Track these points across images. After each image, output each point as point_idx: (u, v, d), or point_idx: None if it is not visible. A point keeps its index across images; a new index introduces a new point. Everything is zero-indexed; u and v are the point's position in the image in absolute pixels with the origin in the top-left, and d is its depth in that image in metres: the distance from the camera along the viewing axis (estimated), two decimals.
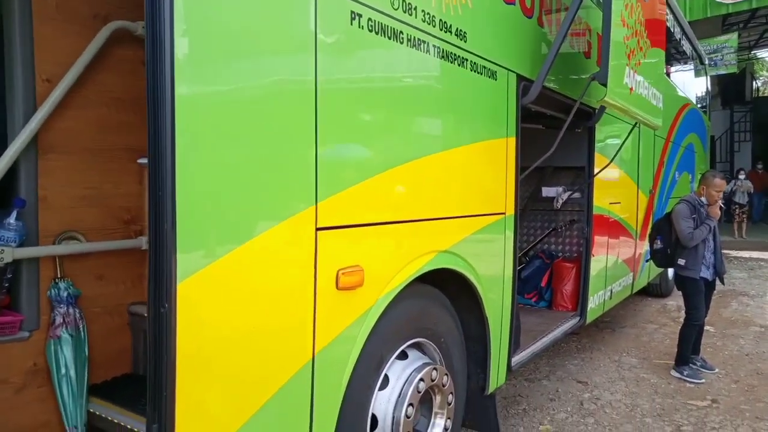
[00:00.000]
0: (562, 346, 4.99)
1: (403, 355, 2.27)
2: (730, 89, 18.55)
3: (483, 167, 2.61)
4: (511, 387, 4.03)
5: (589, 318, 4.23)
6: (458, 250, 2.41)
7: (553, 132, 3.23)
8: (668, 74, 9.33)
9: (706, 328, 5.14)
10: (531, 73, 2.88)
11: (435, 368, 2.29)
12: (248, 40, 1.46)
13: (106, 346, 2.36)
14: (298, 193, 1.60)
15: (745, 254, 10.35)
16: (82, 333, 2.18)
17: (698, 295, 4.16)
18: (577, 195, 4.43)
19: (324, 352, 1.72)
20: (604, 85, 2.69)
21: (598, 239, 4.30)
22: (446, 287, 2.51)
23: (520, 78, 2.80)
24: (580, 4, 2.82)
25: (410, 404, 2.13)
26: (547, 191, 4.55)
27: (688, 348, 4.22)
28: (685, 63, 16.05)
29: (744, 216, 12.31)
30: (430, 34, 2.12)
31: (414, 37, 2.04)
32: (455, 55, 2.29)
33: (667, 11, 6.17)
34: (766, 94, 24.98)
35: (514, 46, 2.77)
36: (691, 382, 4.09)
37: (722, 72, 12.63)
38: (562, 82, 3.23)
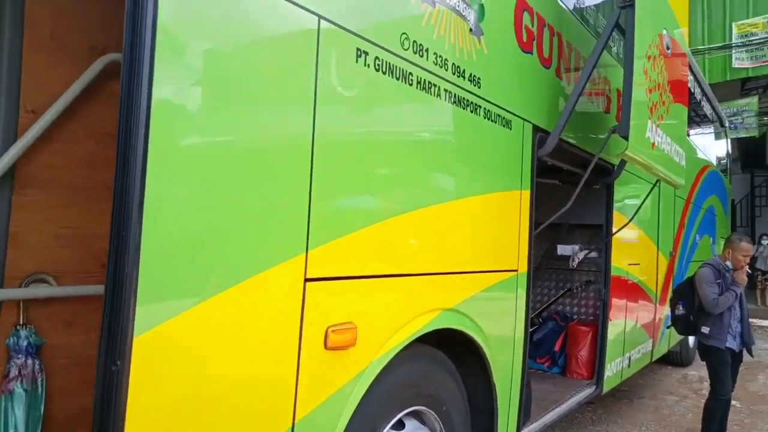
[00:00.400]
0: (576, 416, 4.65)
1: (400, 425, 2.05)
2: (750, 153, 18.37)
3: (494, 220, 2.44)
4: None
5: (606, 387, 3.94)
6: (465, 309, 2.21)
7: (570, 188, 3.07)
8: (688, 135, 9.26)
9: (733, 403, 4.79)
10: (548, 125, 2.76)
11: None
12: (237, 76, 1.34)
13: (69, 403, 2.13)
14: (286, 240, 1.44)
15: (767, 323, 9.90)
16: (40, 388, 1.97)
17: (724, 367, 3.85)
18: (594, 254, 4.22)
19: (307, 419, 1.52)
20: (626, 137, 2.55)
21: (616, 302, 4.06)
22: (451, 349, 2.30)
23: (536, 129, 2.68)
24: (600, 54, 2.72)
25: None
26: (563, 249, 4.34)
27: (713, 426, 3.87)
28: (705, 125, 16.02)
29: (767, 283, 11.83)
30: (442, 78, 2.01)
31: (424, 80, 1.93)
32: (467, 101, 2.17)
33: (689, 72, 6.14)
34: None
35: (530, 95, 2.66)
36: None
37: (743, 135, 12.49)
38: (580, 136, 3.10)
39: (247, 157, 1.36)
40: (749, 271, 3.98)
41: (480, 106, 2.25)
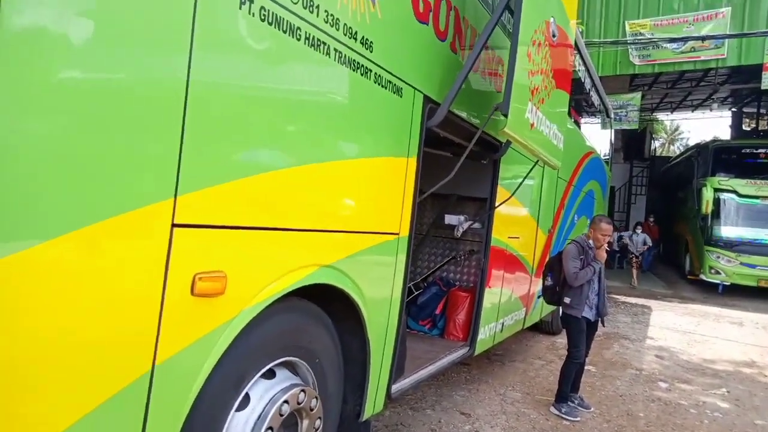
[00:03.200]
0: (452, 376, 4.99)
1: (271, 374, 2.10)
2: (632, 145, 20.14)
3: (379, 184, 2.53)
4: (395, 415, 3.94)
5: (478, 349, 4.25)
6: (344, 267, 2.29)
7: (464, 160, 3.24)
8: (578, 124, 9.94)
9: (588, 367, 5.36)
10: (438, 97, 2.87)
11: (303, 390, 2.13)
12: (108, 12, 1.28)
13: None
14: (152, 184, 1.41)
15: (632, 300, 11.04)
16: None
17: (580, 334, 4.30)
18: (477, 225, 4.49)
19: (169, 363, 1.52)
20: (505, 115, 2.72)
21: (495, 272, 4.37)
22: (329, 305, 2.39)
23: (427, 99, 2.77)
24: (491, 33, 2.85)
25: (269, 428, 1.96)
26: (450, 219, 4.58)
27: (567, 385, 4.34)
28: (595, 116, 17.24)
29: (639, 263, 13.26)
30: (332, 37, 2.02)
31: (314, 37, 1.93)
32: (358, 63, 2.20)
33: (580, 62, 6.57)
34: (661, 154, 27.37)
35: (423, 66, 2.75)
36: (567, 420, 4.19)
37: (625, 127, 13.65)
38: (470, 111, 3.25)
39: (113, 94, 1.31)
40: (608, 249, 4.43)
41: (371, 71, 2.29)
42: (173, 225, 1.46)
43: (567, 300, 4.34)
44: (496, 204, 4.03)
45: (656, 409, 4.66)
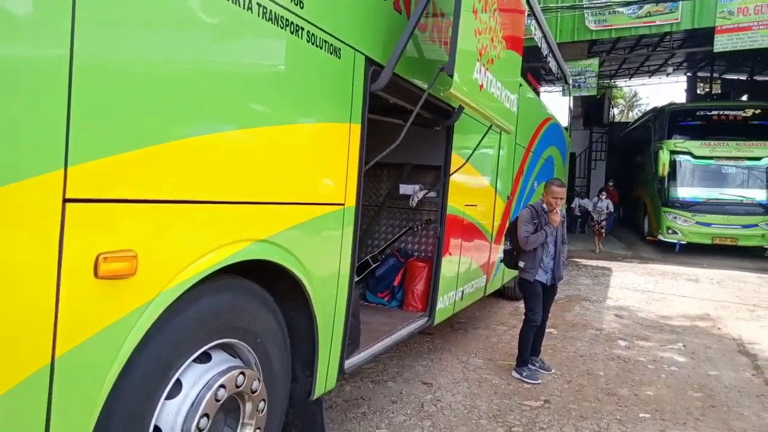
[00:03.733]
0: (414, 347, 4.95)
1: (206, 358, 1.97)
2: (591, 112, 20.36)
3: (319, 152, 2.38)
4: (355, 389, 3.87)
5: (438, 319, 4.20)
6: (282, 241, 2.16)
7: (415, 128, 3.11)
8: (537, 91, 9.90)
9: (550, 330, 5.40)
10: (382, 59, 2.72)
11: (242, 372, 2.01)
12: None
13: None
14: (35, 153, 1.24)
15: (593, 263, 11.26)
16: None
17: (535, 297, 4.29)
18: (432, 194, 4.40)
19: (72, 355, 1.37)
20: (451, 76, 2.59)
21: (452, 240, 4.30)
22: (274, 282, 2.26)
23: (369, 62, 2.62)
24: None
25: (204, 414, 1.83)
26: (404, 189, 4.47)
27: (527, 349, 4.34)
28: (554, 84, 17.29)
29: (601, 230, 13.15)
30: None
31: None
32: (287, 20, 2.03)
33: (537, 27, 6.46)
34: (620, 120, 27.83)
35: (363, 25, 2.59)
36: (528, 383, 4.20)
37: (584, 93, 13.73)
38: (417, 74, 3.10)
39: None
40: (572, 215, 4.40)
41: (302, 29, 2.12)
42: (65, 200, 1.29)
43: (521, 264, 4.32)
44: (451, 172, 3.93)
45: (615, 367, 4.73)
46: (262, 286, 2.20)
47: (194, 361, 1.89)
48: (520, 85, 5.12)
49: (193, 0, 1.65)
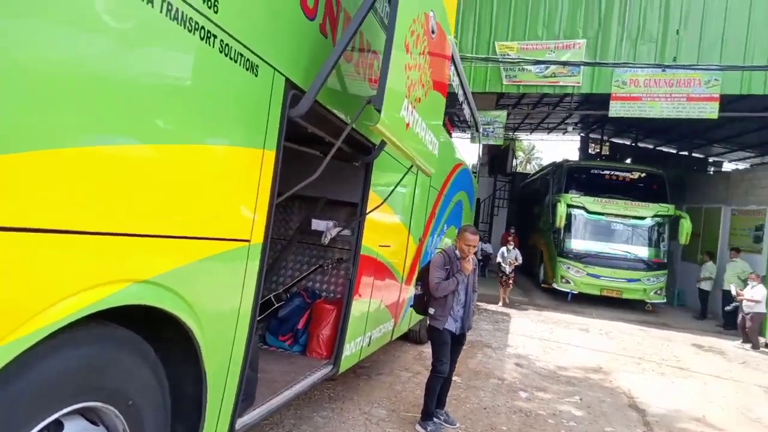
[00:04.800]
0: (314, 394, 4.59)
1: (57, 427, 1.55)
2: (496, 161, 21.34)
3: (224, 179, 2.05)
4: None
5: (343, 367, 3.90)
6: (169, 282, 1.79)
7: (333, 161, 2.86)
8: (450, 135, 10.12)
9: (454, 378, 5.24)
10: (304, 83, 2.47)
11: None
12: None
13: None
14: None
15: (492, 307, 11.48)
16: None
17: (443, 347, 4.12)
18: (346, 232, 4.15)
19: None
20: (379, 110, 2.39)
21: (364, 281, 4.05)
22: (154, 328, 1.87)
23: (289, 84, 2.36)
24: (365, 16, 2.52)
25: None
26: (317, 224, 4.18)
27: (432, 401, 4.14)
28: (465, 131, 17.95)
29: (509, 281, 12.03)
30: None
31: None
32: (198, 24, 1.73)
33: (455, 74, 6.56)
34: (519, 171, 29.53)
35: (286, 44, 2.34)
36: None
37: (492, 142, 14.26)
38: (339, 104, 2.89)
39: None
40: (476, 262, 4.30)
41: (215, 36, 1.83)
42: None
43: (431, 311, 4.15)
44: (367, 210, 3.71)
45: (518, 421, 4.65)
46: (139, 334, 1.81)
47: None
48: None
49: None
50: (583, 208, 13.55)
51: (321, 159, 3.64)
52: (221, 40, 1.86)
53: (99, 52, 1.41)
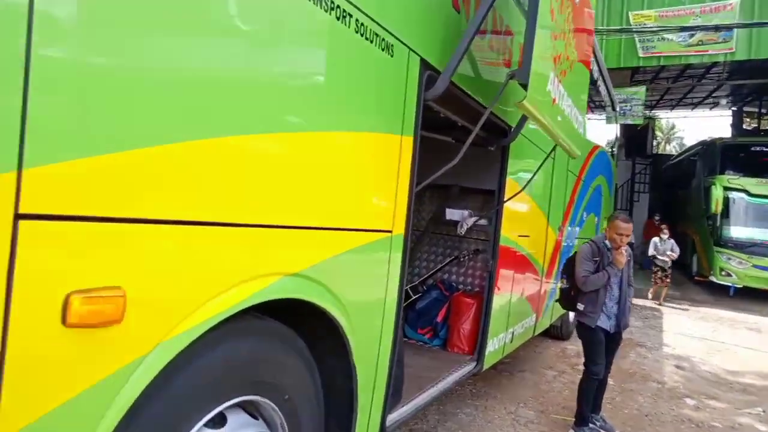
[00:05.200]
0: (456, 389, 4.42)
1: (221, 420, 1.55)
2: (633, 142, 19.62)
3: (363, 167, 1.96)
4: None
5: (487, 364, 3.71)
6: (317, 275, 1.74)
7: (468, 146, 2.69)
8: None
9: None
10: (439, 64, 2.32)
11: None
12: None
13: None
14: None
15: (640, 302, 10.50)
16: None
17: (596, 346, 3.72)
18: (483, 222, 3.93)
19: None
20: (525, 86, 2.16)
21: (503, 274, 3.82)
22: (305, 323, 1.84)
23: (425, 65, 2.22)
24: None
25: None
26: (451, 214, 4.00)
27: (587, 405, 3.78)
28: (592, 111, 16.73)
29: (667, 281, 10.37)
30: None
31: None
32: (334, 3, 1.65)
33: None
34: (660, 152, 26.94)
35: (418, 21, 2.19)
36: None
37: (630, 122, 13.11)
38: (475, 84, 2.69)
39: None
40: (630, 253, 3.82)
41: (350, 15, 1.74)
42: (17, 216, 0.90)
43: (580, 306, 3.77)
44: (506, 197, 3.47)
45: None
46: (292, 329, 1.78)
47: (205, 425, 1.47)
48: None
49: None
50: (744, 191, 11.91)
51: (451, 145, 3.49)
52: (356, 20, 1.77)
53: (244, 43, 1.37)
